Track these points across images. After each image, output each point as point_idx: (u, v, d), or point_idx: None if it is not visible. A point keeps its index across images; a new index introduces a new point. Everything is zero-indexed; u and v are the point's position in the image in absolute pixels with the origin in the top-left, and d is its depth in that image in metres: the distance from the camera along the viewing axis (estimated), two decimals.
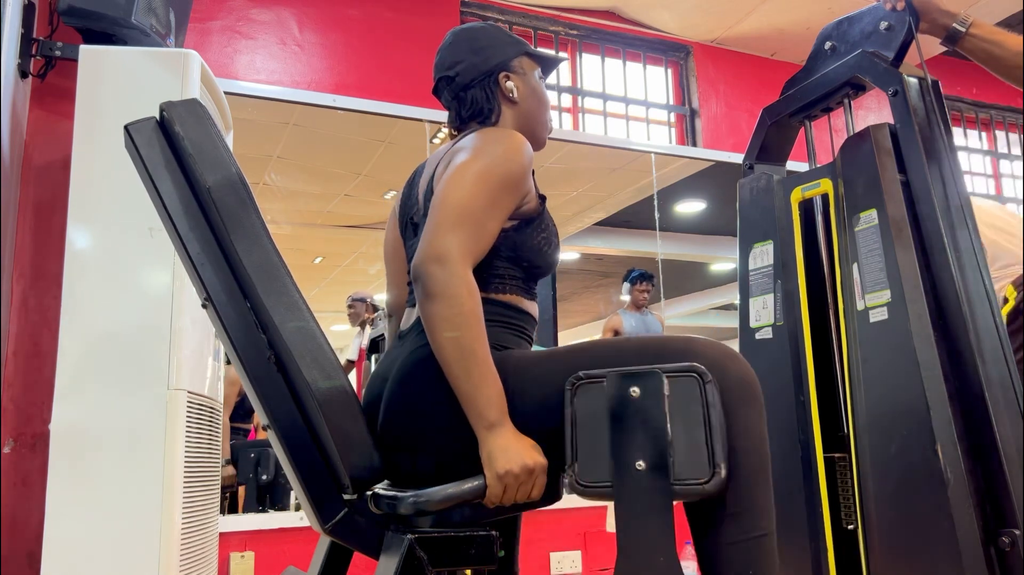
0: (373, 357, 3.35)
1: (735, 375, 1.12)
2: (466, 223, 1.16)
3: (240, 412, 3.52)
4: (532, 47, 1.46)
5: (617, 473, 1.06)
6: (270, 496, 3.17)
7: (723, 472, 1.04)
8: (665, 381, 1.07)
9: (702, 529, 1.10)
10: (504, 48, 1.42)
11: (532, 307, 1.35)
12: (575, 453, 1.09)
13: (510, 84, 1.40)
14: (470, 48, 1.41)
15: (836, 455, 1.79)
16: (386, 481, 1.23)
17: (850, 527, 1.76)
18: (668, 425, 1.05)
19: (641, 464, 1.05)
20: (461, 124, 1.43)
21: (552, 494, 1.21)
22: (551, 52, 1.49)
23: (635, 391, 1.07)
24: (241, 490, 3.33)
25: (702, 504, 1.09)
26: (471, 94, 1.39)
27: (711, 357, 1.13)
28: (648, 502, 1.04)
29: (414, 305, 1.31)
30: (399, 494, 1.14)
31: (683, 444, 1.05)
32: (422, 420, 1.18)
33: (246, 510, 3.12)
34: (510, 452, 1.09)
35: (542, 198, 1.35)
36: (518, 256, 1.28)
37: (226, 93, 2.61)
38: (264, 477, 3.14)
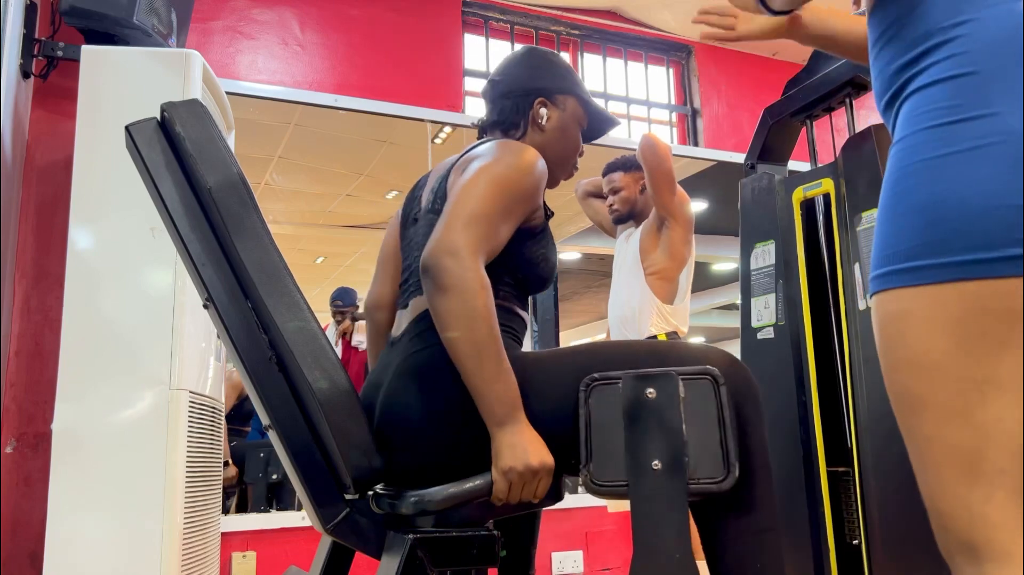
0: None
1: (741, 378, 1.17)
2: (478, 223, 1.16)
3: (240, 415, 3.52)
4: (588, 96, 1.44)
5: (633, 473, 1.08)
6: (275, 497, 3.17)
7: (737, 471, 1.07)
8: (680, 383, 1.09)
9: (710, 525, 1.14)
10: (555, 79, 1.42)
11: (524, 314, 1.36)
12: (590, 453, 1.10)
13: (544, 111, 1.40)
14: (527, 64, 1.44)
15: (840, 467, 1.79)
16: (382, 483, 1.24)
17: (852, 528, 1.75)
18: (683, 426, 1.08)
19: (657, 464, 1.08)
20: (486, 126, 1.44)
21: (555, 494, 1.21)
22: (606, 112, 1.47)
23: (651, 392, 1.10)
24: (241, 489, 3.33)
25: (711, 501, 1.12)
26: (505, 103, 1.41)
27: (717, 361, 1.16)
28: (664, 501, 1.07)
29: (407, 306, 1.31)
30: (401, 494, 1.14)
31: (699, 445, 1.09)
32: (421, 425, 1.17)
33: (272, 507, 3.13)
34: (517, 450, 1.09)
35: (549, 214, 1.36)
36: (515, 266, 1.28)
37: (227, 93, 2.61)
38: (274, 477, 3.14)
